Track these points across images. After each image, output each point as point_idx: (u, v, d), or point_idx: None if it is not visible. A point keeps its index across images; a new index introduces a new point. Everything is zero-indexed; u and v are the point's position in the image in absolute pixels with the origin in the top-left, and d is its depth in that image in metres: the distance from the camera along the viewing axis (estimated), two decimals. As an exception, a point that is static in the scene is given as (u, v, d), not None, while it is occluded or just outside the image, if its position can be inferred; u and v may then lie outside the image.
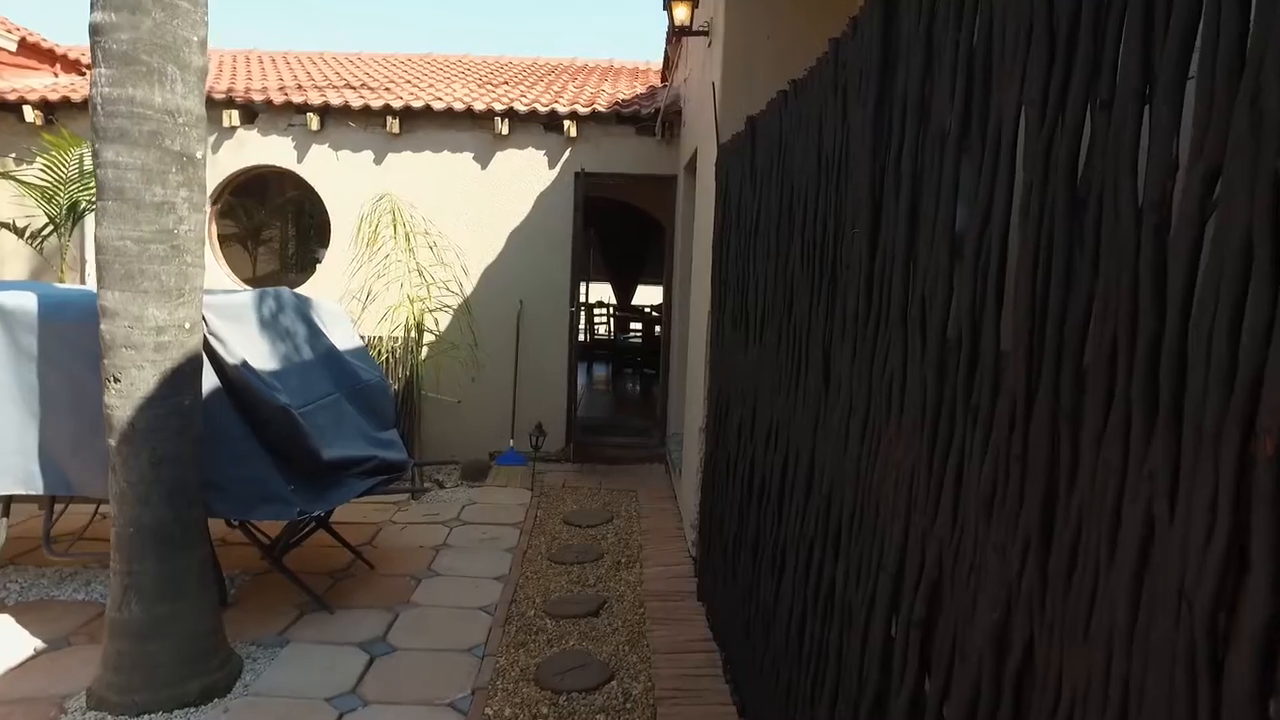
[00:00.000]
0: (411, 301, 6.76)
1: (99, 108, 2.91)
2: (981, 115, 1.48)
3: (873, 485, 1.90)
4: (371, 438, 4.90)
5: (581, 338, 13.86)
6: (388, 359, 7.37)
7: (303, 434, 4.05)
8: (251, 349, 4.14)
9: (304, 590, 4.51)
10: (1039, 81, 1.23)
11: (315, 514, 4.20)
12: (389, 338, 7.15)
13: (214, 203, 7.97)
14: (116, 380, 3.11)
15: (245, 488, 3.86)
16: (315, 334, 5.01)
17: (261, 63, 10.71)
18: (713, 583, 4.36)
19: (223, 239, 9.76)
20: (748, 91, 4.70)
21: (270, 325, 4.47)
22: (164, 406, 3.18)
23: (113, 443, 3.16)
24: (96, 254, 3.04)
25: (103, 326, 3.10)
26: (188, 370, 3.23)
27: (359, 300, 7.20)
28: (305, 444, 4.08)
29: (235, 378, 3.87)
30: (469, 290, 7.78)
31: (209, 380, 3.78)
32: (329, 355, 5.02)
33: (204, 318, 3.76)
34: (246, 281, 8.61)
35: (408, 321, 6.77)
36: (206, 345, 3.81)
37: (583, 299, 14.41)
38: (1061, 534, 1.12)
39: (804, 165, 2.90)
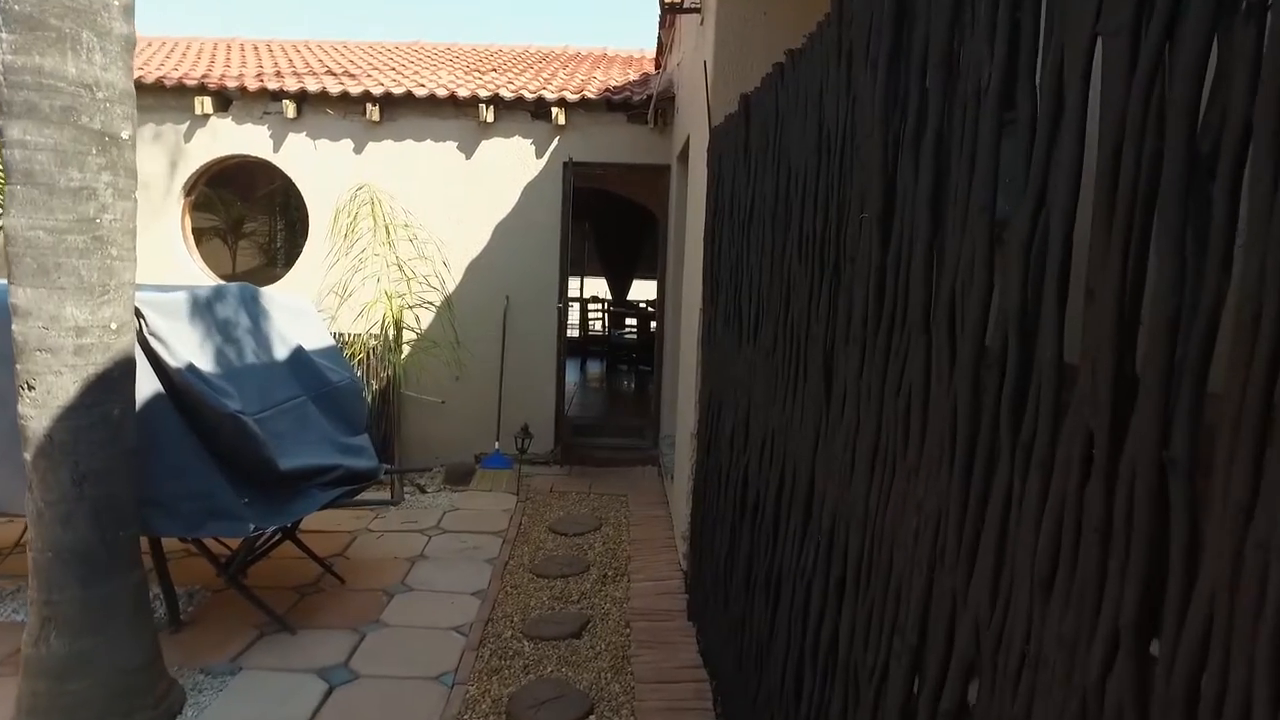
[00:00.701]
0: (390, 297, 6.41)
1: (1, 78, 2.56)
2: (1033, 60, 1.14)
3: (885, 525, 1.57)
4: (339, 444, 4.56)
5: (575, 333, 13.59)
6: (366, 357, 7.02)
7: (256, 443, 3.71)
8: (200, 350, 3.80)
9: (263, 610, 4.17)
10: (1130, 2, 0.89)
11: (273, 529, 3.86)
12: (367, 335, 6.80)
13: (187, 194, 7.62)
14: (30, 388, 2.77)
15: (191, 503, 3.52)
16: (278, 333, 4.66)
17: (242, 50, 10.35)
18: (704, 602, 4.03)
19: (199, 233, 9.42)
20: (742, 71, 4.35)
21: (225, 324, 4.13)
22: (87, 416, 2.84)
23: (29, 457, 2.82)
24: (6, 245, 2.70)
25: (14, 327, 2.76)
26: (116, 375, 2.88)
27: (338, 296, 6.84)
28: (260, 453, 3.74)
29: (179, 382, 3.53)
30: (452, 285, 7.43)
31: (149, 386, 3.44)
32: (294, 356, 4.68)
33: (142, 317, 3.42)
34: (225, 278, 8.26)
35: (385, 318, 6.43)
36: (146, 347, 3.47)
37: (576, 294, 14.15)
38: (1175, 639, 0.78)
39: (802, 144, 2.56)
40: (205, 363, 3.77)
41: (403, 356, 7.39)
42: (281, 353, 4.61)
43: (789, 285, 2.68)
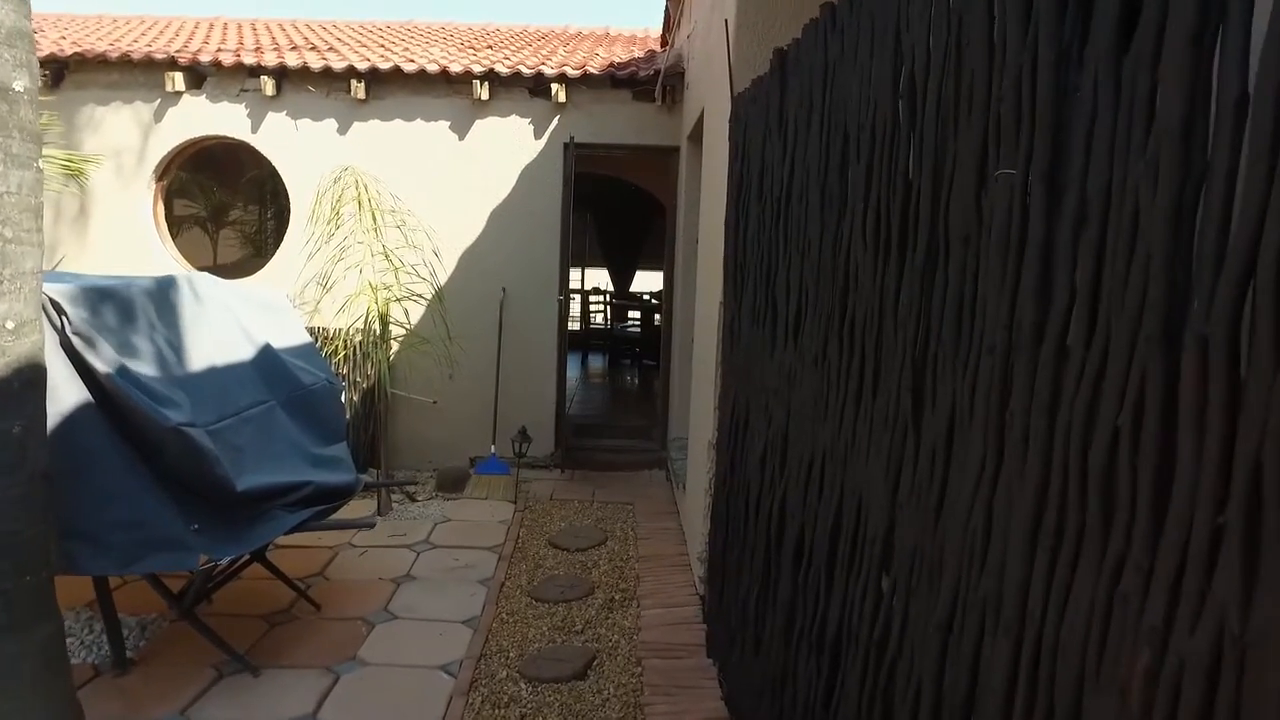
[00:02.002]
0: (374, 289, 5.87)
1: None
2: None
3: (1064, 639, 1.03)
4: (311, 456, 4.03)
5: (576, 326, 13.05)
6: (352, 354, 6.49)
7: (207, 460, 3.18)
8: (139, 352, 3.26)
9: (222, 649, 3.65)
10: None
11: (227, 559, 3.33)
12: (350, 330, 6.27)
13: (160, 178, 7.07)
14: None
15: (125, 533, 3.00)
16: (243, 330, 4.13)
17: (225, 29, 9.78)
18: (727, 640, 3.50)
19: (178, 222, 8.88)
20: (769, 29, 3.81)
21: (174, 320, 3.60)
22: (-20, 437, 2.31)
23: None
24: None
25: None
26: (16, 386, 2.35)
27: (321, 287, 6.29)
28: (211, 472, 3.21)
29: (110, 391, 3.00)
30: (444, 276, 6.89)
31: (73, 396, 2.92)
32: (261, 355, 4.15)
33: (62, 313, 2.88)
34: (205, 270, 7.71)
35: (369, 312, 5.89)
36: (69, 349, 2.93)
37: (576, 285, 13.60)
38: None
39: (869, 99, 2.02)
40: (146, 366, 3.25)
41: (391, 353, 6.86)
42: (246, 352, 4.08)
43: (849, 276, 2.14)
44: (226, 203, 9.13)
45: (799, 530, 2.52)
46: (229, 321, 4.08)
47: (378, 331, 5.97)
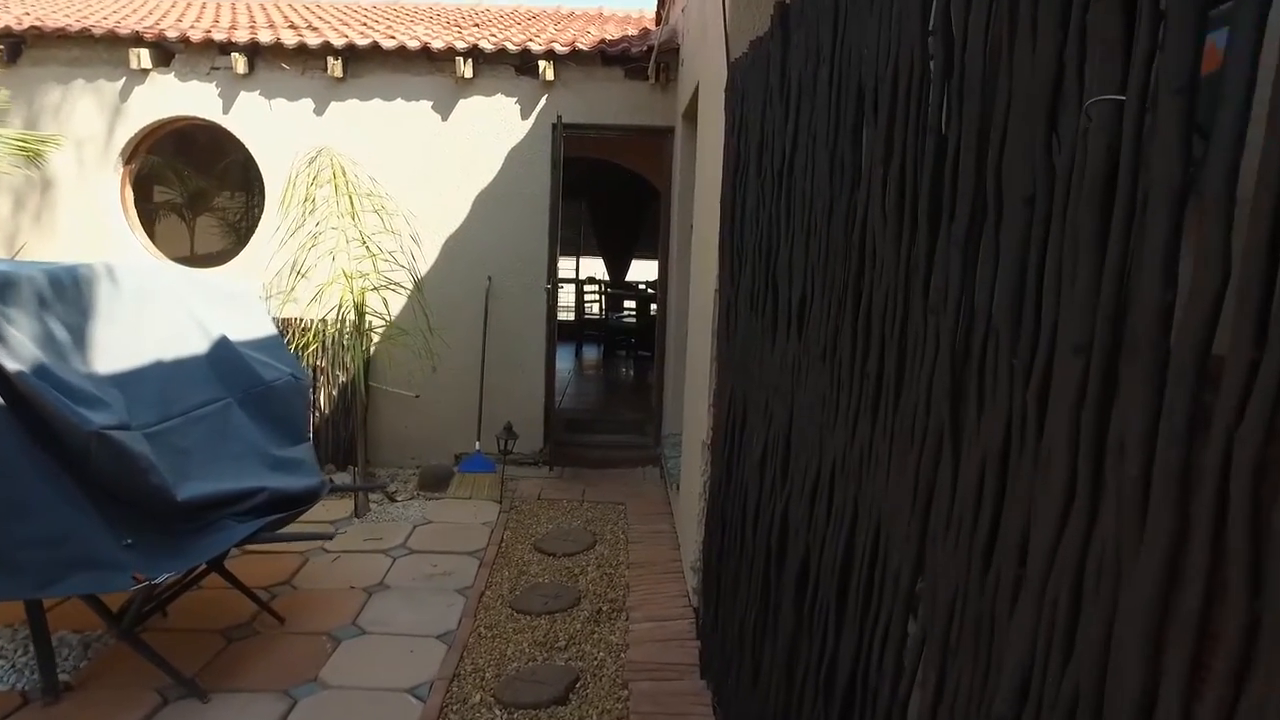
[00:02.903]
0: (349, 278, 5.53)
1: None
2: None
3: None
4: (270, 458, 3.70)
5: (570, 317, 12.70)
6: (326, 346, 6.14)
7: (139, 466, 2.85)
8: (63, 347, 2.92)
9: (166, 672, 3.31)
10: None
11: (165, 577, 2.99)
12: (328, 321, 5.92)
13: (127, 162, 6.71)
14: None
15: (43, 551, 2.66)
16: (196, 321, 3.79)
17: (203, 6, 9.40)
18: (723, 663, 3.17)
19: (153, 210, 8.52)
20: (769, -12, 3.45)
21: (109, 312, 3.26)
22: None
23: None
24: None
25: None
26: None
27: (297, 275, 5.93)
28: (144, 480, 2.88)
29: (23, 392, 2.65)
30: (427, 264, 6.55)
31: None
32: (217, 349, 3.81)
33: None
34: (182, 260, 7.38)
35: (342, 302, 5.54)
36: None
37: (571, 275, 13.24)
38: None
39: (890, 44, 1.68)
40: (73, 363, 2.91)
41: (372, 345, 6.53)
42: (199, 345, 3.74)
43: (865, 255, 1.80)
44: (203, 189, 8.76)
45: (803, 551, 2.18)
46: (180, 312, 3.74)
47: (353, 322, 5.63)
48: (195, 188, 8.66)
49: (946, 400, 1.33)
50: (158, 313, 3.61)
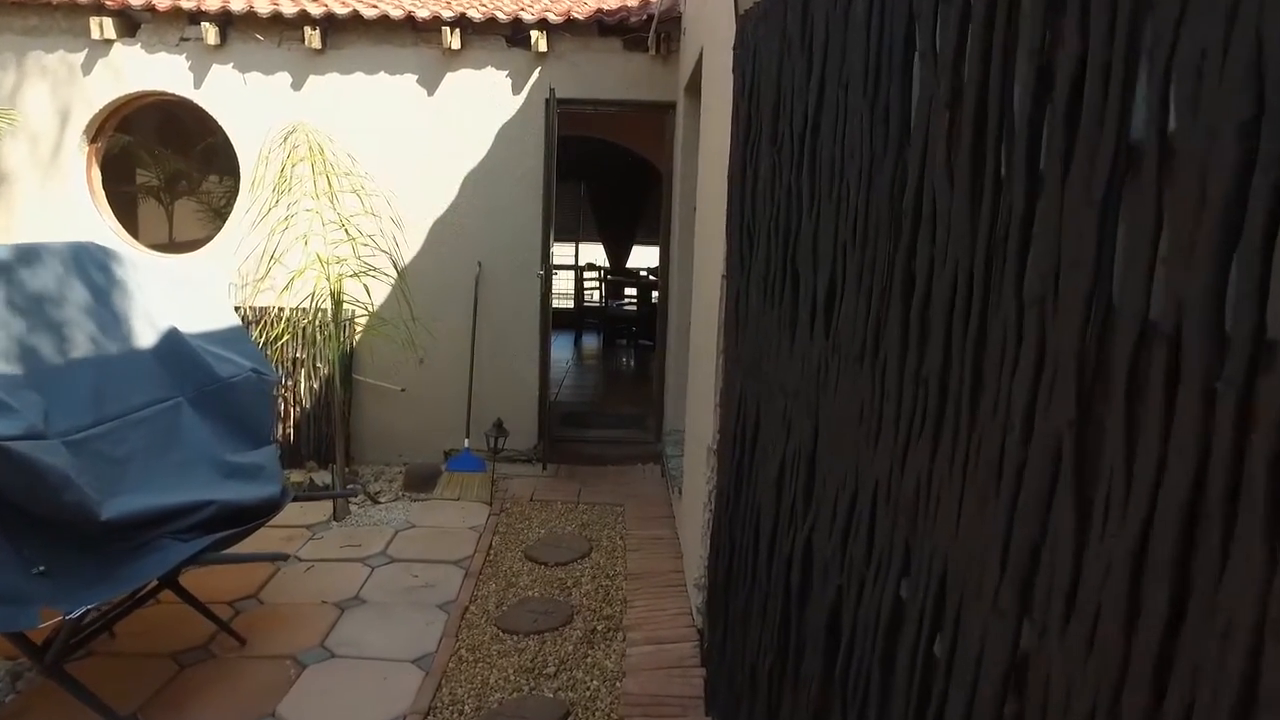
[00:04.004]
0: (325, 263, 5.12)
1: None
2: None
3: None
4: (223, 464, 3.30)
5: (570, 304, 12.28)
6: (300, 337, 5.74)
7: (49, 483, 2.45)
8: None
9: (99, 711, 2.92)
10: None
11: (81, 611, 2.59)
12: (299, 310, 5.51)
13: (92, 140, 6.29)
14: None
15: (-69, 583, 2.26)
16: (142, 311, 3.39)
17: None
18: (731, 705, 2.78)
19: (132, 191, 8.10)
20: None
21: (34, 300, 2.86)
22: None
23: None
24: None
25: None
26: None
27: (270, 261, 5.51)
28: (58, 498, 2.48)
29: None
30: (412, 249, 6.14)
31: None
32: (166, 342, 3.41)
33: None
34: (157, 248, 6.98)
35: (315, 291, 5.13)
36: None
37: (570, 261, 12.81)
38: None
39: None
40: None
41: (355, 336, 6.13)
42: (145, 338, 3.34)
43: (919, 227, 1.39)
44: (182, 171, 8.33)
45: (834, 597, 1.78)
46: (125, 301, 3.34)
47: (329, 311, 5.22)
48: (172, 170, 8.24)
49: (1070, 431, 0.92)
50: (99, 301, 3.21)
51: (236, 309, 6.00)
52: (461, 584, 4.36)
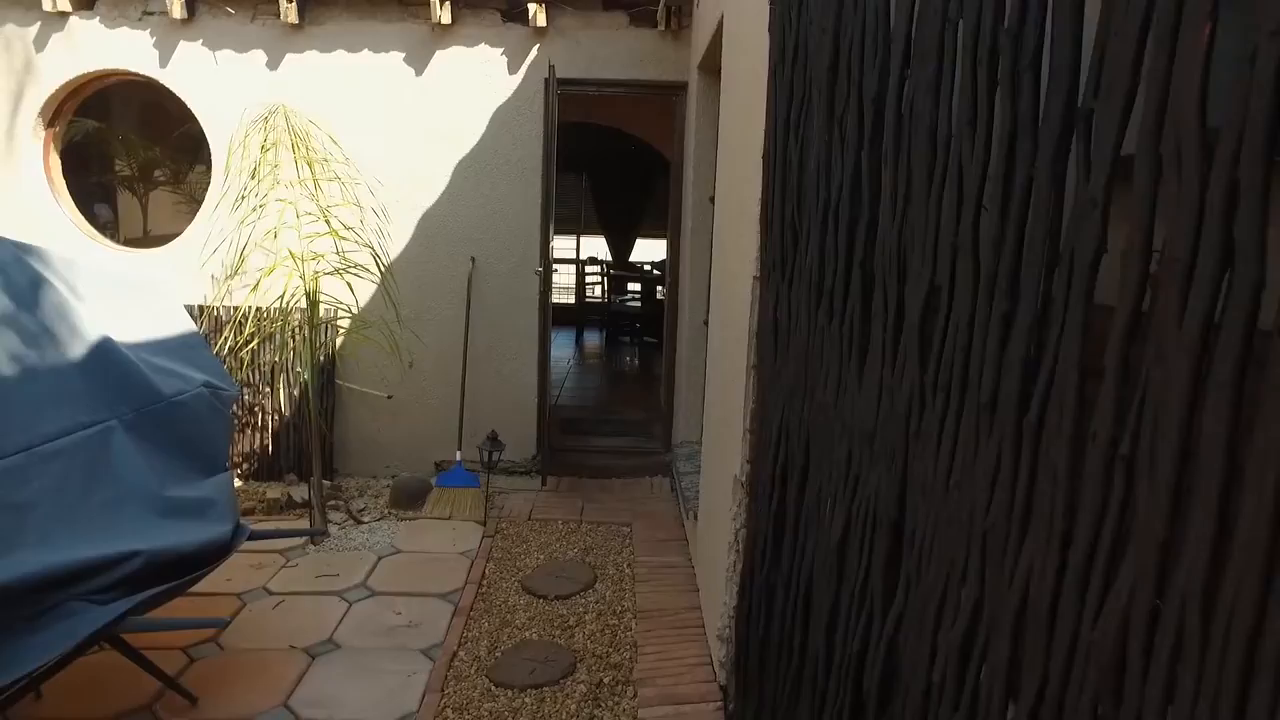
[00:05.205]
0: (299, 260, 4.59)
1: None
2: None
3: None
4: (160, 501, 2.79)
5: (570, 300, 11.75)
6: (286, 340, 5.22)
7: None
8: None
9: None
10: None
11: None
12: (271, 311, 4.99)
13: (49, 124, 5.76)
14: None
15: None
16: (68, 321, 2.87)
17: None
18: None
19: (101, 181, 7.58)
20: None
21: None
22: None
23: None
24: None
25: None
26: None
27: (240, 257, 4.98)
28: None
29: None
30: (399, 243, 5.63)
31: None
32: (94, 356, 2.89)
33: None
34: (131, 244, 6.46)
35: (285, 291, 4.60)
36: None
37: (571, 255, 12.26)
38: None
39: None
40: None
41: (338, 338, 5.62)
42: (68, 351, 2.82)
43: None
44: (155, 159, 7.80)
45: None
46: (43, 307, 2.82)
47: (304, 312, 4.71)
48: (145, 158, 7.71)
49: None
50: (13, 303, 2.69)
51: (208, 310, 5.50)
52: (450, 623, 3.86)
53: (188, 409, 3.14)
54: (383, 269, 5.18)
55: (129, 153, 7.50)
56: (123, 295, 3.22)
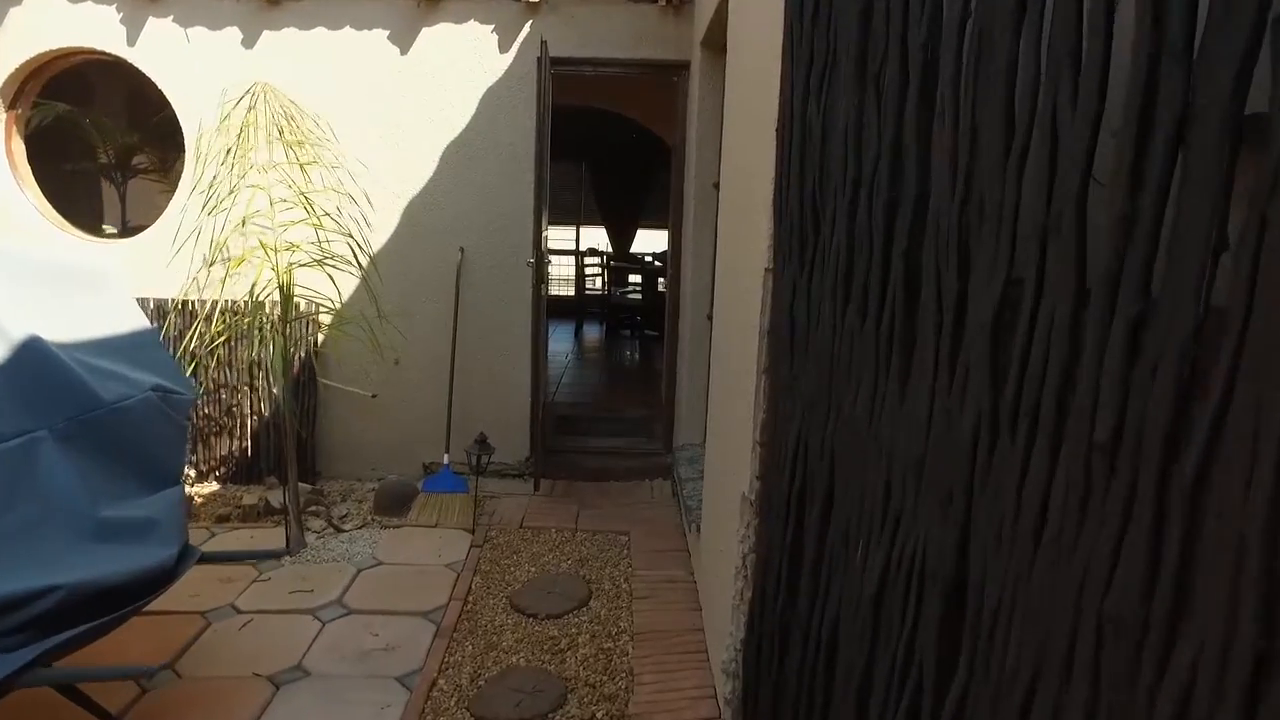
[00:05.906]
0: (271, 251, 4.26)
1: None
2: None
3: None
4: (91, 524, 2.46)
5: (570, 292, 11.41)
6: (260, 336, 4.89)
7: None
8: None
9: None
10: None
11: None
12: (241, 306, 4.66)
13: (10, 106, 5.42)
14: None
15: None
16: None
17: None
18: None
19: (74, 170, 7.26)
20: None
21: None
22: None
23: None
24: None
25: None
26: None
27: (211, 248, 4.65)
28: None
29: None
30: (383, 233, 5.30)
31: None
32: (19, 358, 2.56)
33: None
34: (109, 233, 6.11)
35: (256, 282, 4.27)
36: None
37: (570, 246, 11.92)
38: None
39: None
40: None
41: (319, 333, 5.30)
42: (-8, 353, 2.49)
43: None
44: (135, 147, 7.45)
45: None
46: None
47: (278, 305, 4.38)
48: (124, 145, 7.36)
49: None
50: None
51: (181, 304, 5.17)
52: (431, 645, 3.54)
53: (133, 416, 2.81)
54: (365, 260, 4.84)
55: (104, 138, 7.15)
56: (61, 288, 2.89)
